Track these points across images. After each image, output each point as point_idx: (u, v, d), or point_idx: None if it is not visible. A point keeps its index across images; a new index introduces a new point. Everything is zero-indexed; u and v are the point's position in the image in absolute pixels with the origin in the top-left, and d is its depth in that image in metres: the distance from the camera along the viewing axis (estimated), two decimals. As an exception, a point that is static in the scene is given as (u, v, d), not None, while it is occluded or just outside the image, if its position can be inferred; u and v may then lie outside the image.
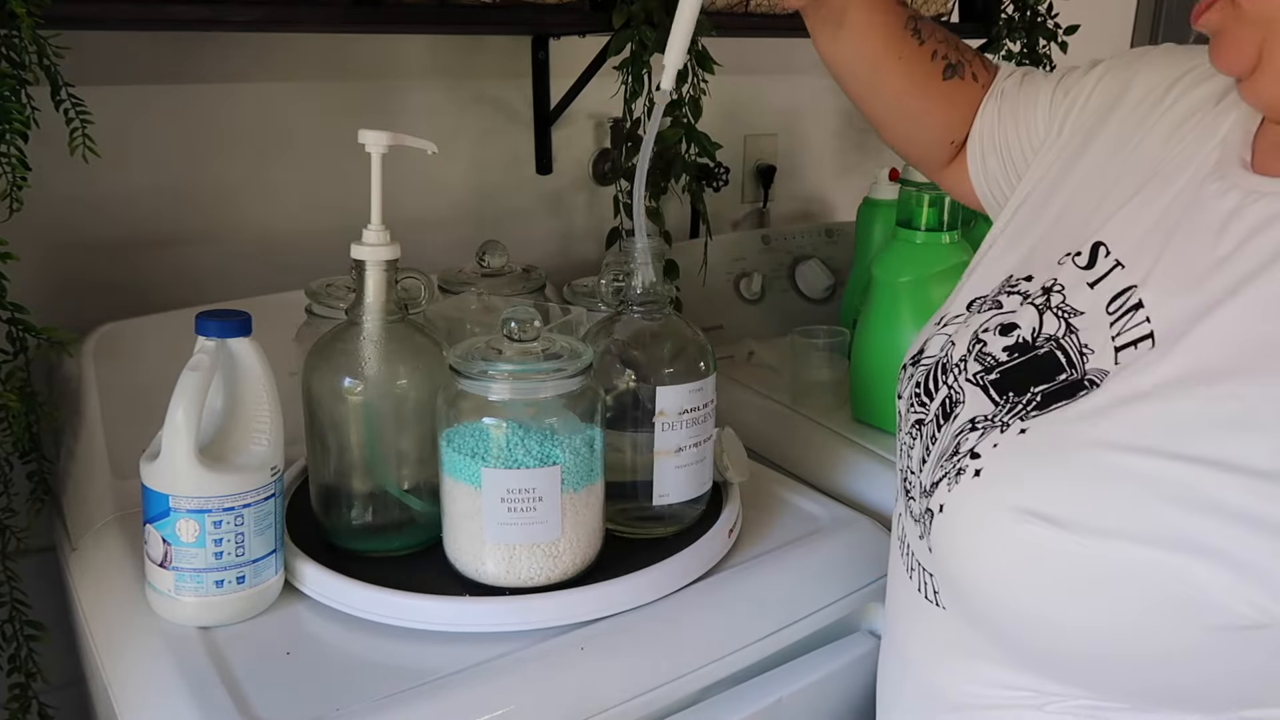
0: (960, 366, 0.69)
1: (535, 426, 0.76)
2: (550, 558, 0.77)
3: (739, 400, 1.25)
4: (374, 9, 1.08)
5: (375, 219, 0.79)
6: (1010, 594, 0.60)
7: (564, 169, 1.45)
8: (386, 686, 0.70)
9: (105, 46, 1.09)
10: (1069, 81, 0.78)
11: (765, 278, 1.49)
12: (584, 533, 0.79)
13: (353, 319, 0.81)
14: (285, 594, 0.79)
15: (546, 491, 0.75)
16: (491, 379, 0.75)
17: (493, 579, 0.78)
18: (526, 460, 0.75)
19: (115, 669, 0.75)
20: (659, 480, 0.86)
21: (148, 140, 1.15)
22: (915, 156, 0.89)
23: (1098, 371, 0.61)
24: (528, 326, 0.77)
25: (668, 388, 0.84)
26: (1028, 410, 0.62)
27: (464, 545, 0.78)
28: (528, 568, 0.77)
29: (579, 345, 0.79)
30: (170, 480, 0.73)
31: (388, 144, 0.78)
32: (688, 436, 0.85)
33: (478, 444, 0.75)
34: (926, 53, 0.81)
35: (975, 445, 0.64)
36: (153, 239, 1.17)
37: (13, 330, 0.89)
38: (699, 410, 0.86)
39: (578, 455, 0.77)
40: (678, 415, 0.84)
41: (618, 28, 1.16)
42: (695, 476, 0.87)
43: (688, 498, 0.87)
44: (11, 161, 0.84)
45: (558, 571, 0.78)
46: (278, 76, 1.22)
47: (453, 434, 0.77)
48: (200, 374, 0.74)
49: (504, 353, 0.77)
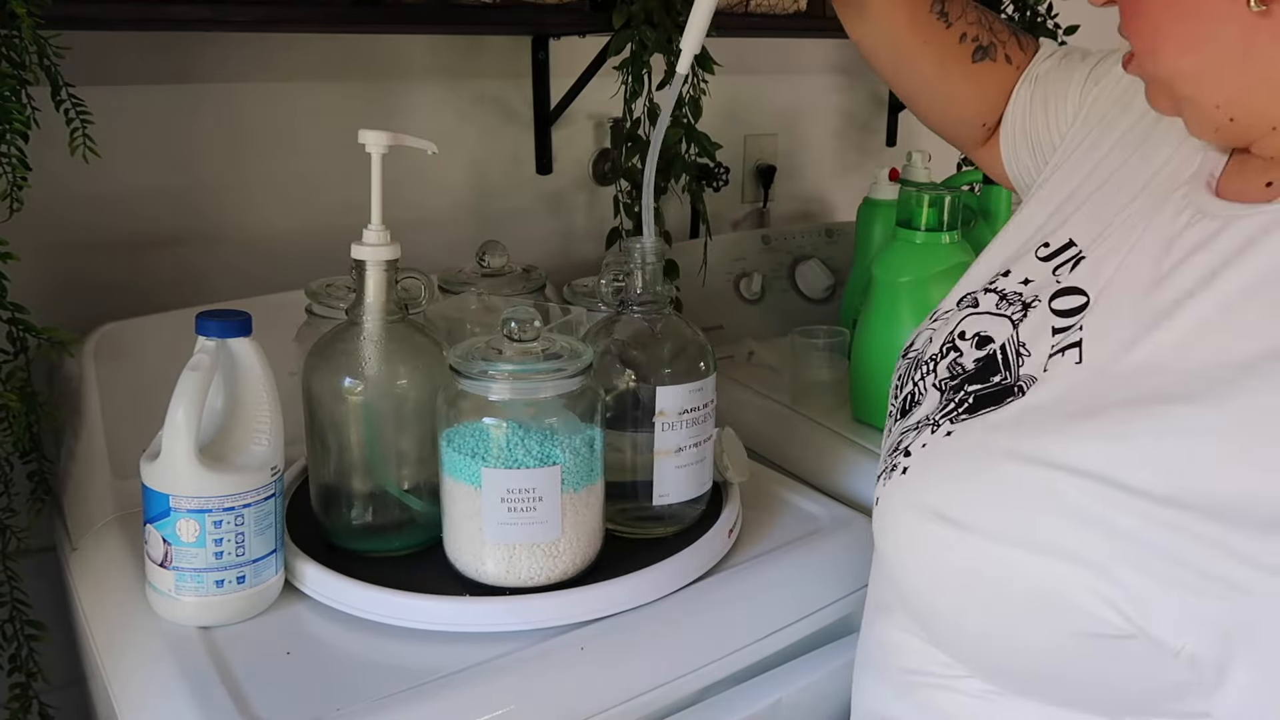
0: (929, 366, 0.70)
1: (535, 426, 0.76)
2: (550, 558, 0.77)
3: (739, 400, 1.25)
4: (374, 9, 1.08)
5: (375, 219, 0.79)
6: (919, 586, 0.65)
7: (564, 169, 1.45)
8: (386, 686, 0.70)
9: (105, 46, 1.09)
10: (1100, 70, 0.77)
11: (765, 278, 1.49)
12: (584, 533, 0.79)
13: (353, 319, 0.81)
14: (285, 594, 0.79)
15: (547, 491, 0.75)
16: (491, 379, 0.75)
17: (493, 579, 0.77)
18: (526, 460, 0.75)
19: (115, 669, 0.75)
20: (659, 480, 0.86)
21: (148, 140, 1.15)
22: (949, 136, 0.88)
23: (1029, 378, 0.63)
24: (528, 326, 0.77)
25: (667, 388, 0.84)
26: (959, 413, 0.65)
27: (464, 545, 0.78)
28: (528, 567, 0.77)
29: (579, 345, 0.79)
30: (170, 480, 0.73)
31: (388, 144, 0.78)
32: (688, 436, 0.85)
33: (478, 444, 0.75)
34: (954, 36, 0.80)
35: (910, 443, 0.67)
36: (153, 239, 1.17)
37: (13, 330, 0.89)
38: (699, 410, 0.86)
39: (577, 455, 0.77)
40: (678, 415, 0.84)
41: (618, 28, 1.16)
42: (695, 476, 0.87)
43: (688, 498, 0.87)
44: (11, 161, 0.84)
45: (558, 571, 0.78)
46: (278, 76, 1.22)
47: (453, 434, 0.77)
48: (200, 374, 0.74)
49: (504, 353, 0.77)
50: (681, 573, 0.82)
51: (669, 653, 0.78)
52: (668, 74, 1.21)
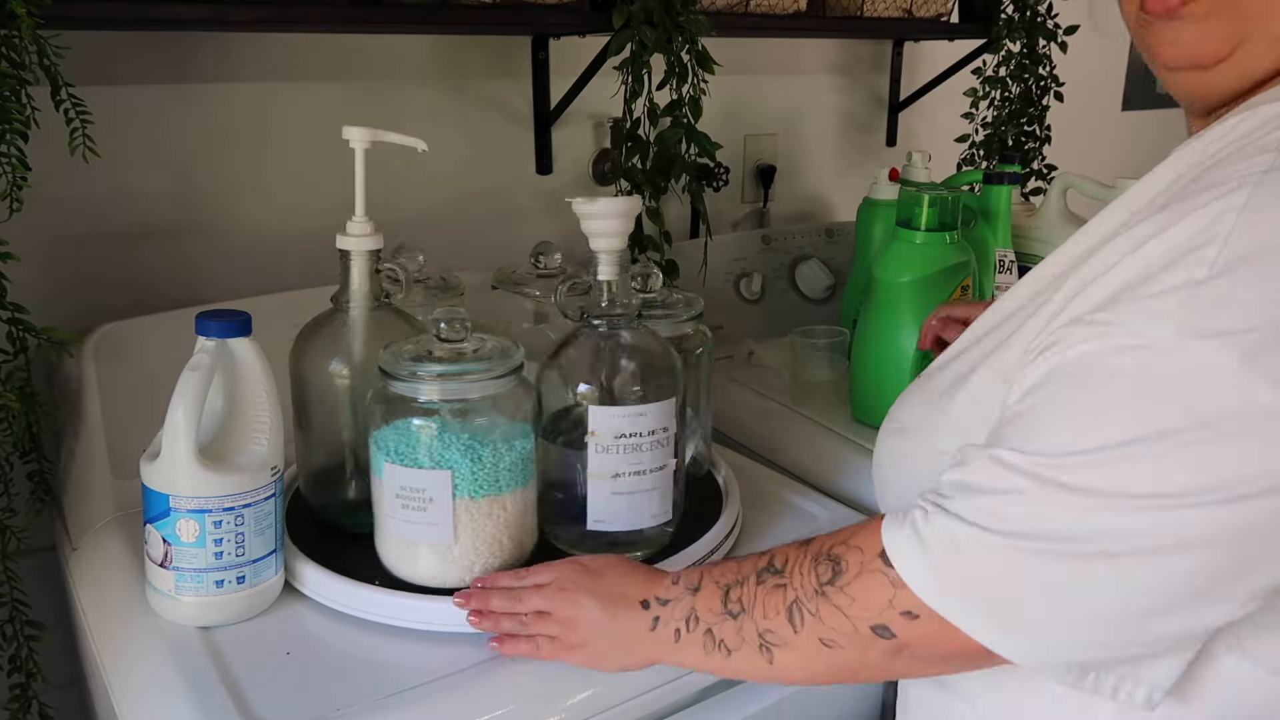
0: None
1: (460, 430, 0.75)
2: (446, 561, 0.77)
3: (739, 400, 1.25)
4: (374, 9, 1.08)
5: (359, 211, 0.84)
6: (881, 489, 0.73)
7: (564, 169, 1.45)
8: (386, 686, 0.70)
9: (105, 46, 1.09)
10: None
11: (765, 278, 1.49)
12: (484, 540, 0.77)
13: (338, 305, 0.85)
14: (285, 594, 0.80)
15: (437, 494, 0.75)
16: (418, 380, 0.75)
17: (402, 574, 0.78)
18: (423, 461, 0.75)
19: (115, 669, 0.75)
20: (593, 504, 0.81)
21: (148, 140, 1.15)
22: None
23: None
24: (457, 326, 0.77)
25: (600, 408, 0.79)
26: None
27: (380, 537, 0.80)
28: (427, 566, 0.78)
29: (509, 345, 0.78)
30: (170, 480, 0.73)
31: (370, 139, 0.83)
32: (627, 463, 0.79)
33: (390, 440, 0.76)
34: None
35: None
36: (153, 239, 1.17)
37: (13, 330, 0.89)
38: (641, 437, 0.79)
39: (479, 464, 0.76)
40: (613, 439, 0.79)
41: (618, 28, 1.16)
42: (640, 506, 0.81)
43: (630, 528, 0.82)
44: (11, 161, 0.84)
45: (453, 576, 0.77)
46: (278, 76, 1.22)
47: (376, 434, 0.78)
48: (200, 374, 0.74)
49: (434, 354, 0.77)
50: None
51: (669, 653, 0.78)
52: (668, 74, 1.21)
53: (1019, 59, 1.66)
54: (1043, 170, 1.74)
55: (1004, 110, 1.70)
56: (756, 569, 0.65)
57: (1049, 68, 1.69)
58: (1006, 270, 1.28)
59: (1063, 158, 1.75)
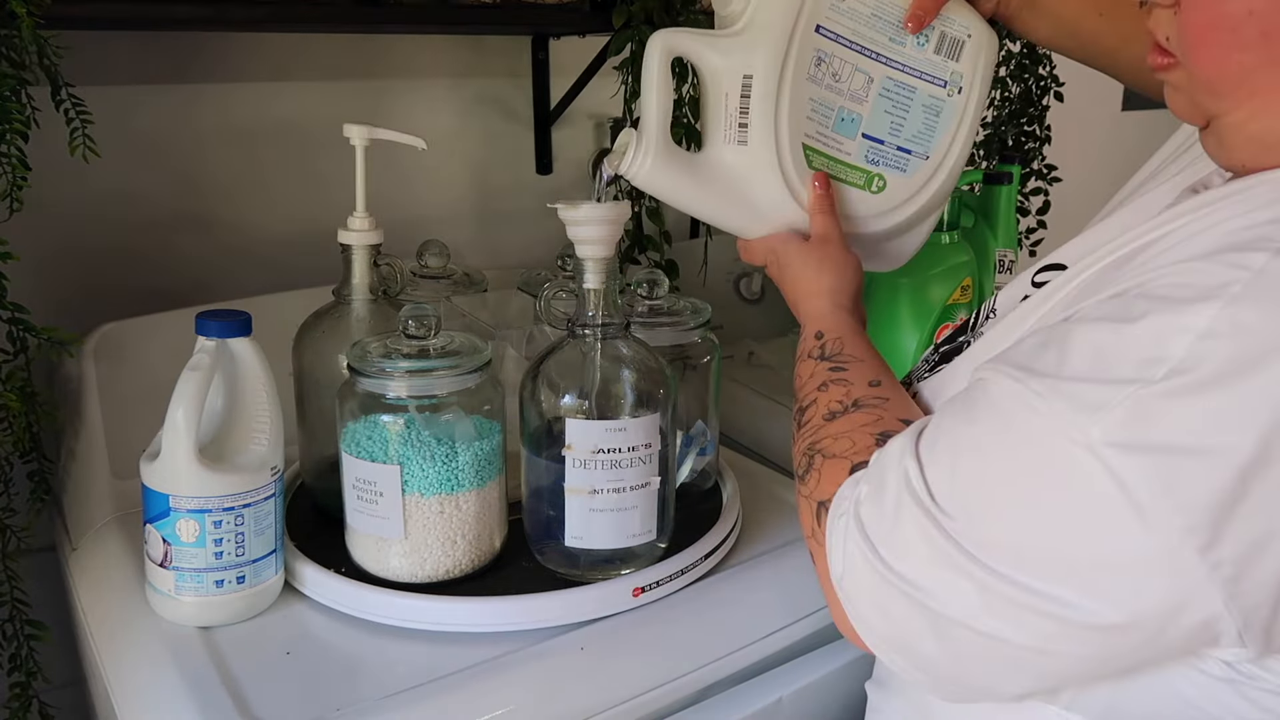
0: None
1: (414, 426, 0.76)
2: (398, 555, 0.78)
3: (739, 400, 1.25)
4: (374, 9, 1.08)
5: (360, 206, 0.87)
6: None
7: (564, 169, 1.45)
8: (386, 686, 0.70)
9: (105, 46, 1.09)
10: None
11: (765, 278, 1.48)
12: (434, 539, 0.77)
13: (340, 298, 0.88)
14: (285, 594, 0.80)
15: (387, 488, 0.76)
16: (389, 376, 0.76)
17: (364, 564, 0.79)
18: (376, 454, 0.76)
19: (115, 669, 0.75)
20: (570, 520, 0.78)
21: (148, 140, 1.15)
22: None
23: (979, 334, 0.68)
24: (425, 322, 0.78)
25: (578, 421, 0.76)
26: (932, 369, 0.71)
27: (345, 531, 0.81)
28: (380, 559, 0.78)
29: (478, 343, 0.78)
30: (170, 480, 0.74)
31: (369, 137, 0.85)
32: (607, 479, 0.76)
33: (350, 432, 0.78)
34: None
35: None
36: (153, 239, 1.17)
37: (13, 330, 0.89)
38: (622, 453, 0.76)
39: (432, 461, 0.76)
40: (591, 453, 0.76)
41: (618, 28, 1.16)
42: (621, 525, 0.78)
43: (610, 547, 0.79)
44: (11, 161, 0.84)
45: (405, 571, 0.78)
46: (278, 76, 1.22)
47: (342, 425, 0.79)
48: (200, 374, 0.74)
49: (403, 350, 0.77)
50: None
51: (669, 653, 0.78)
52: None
53: (1019, 59, 1.66)
54: (1043, 170, 1.74)
55: (1004, 110, 1.69)
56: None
57: (1049, 67, 1.69)
58: (1006, 270, 1.28)
59: (1063, 158, 1.75)
